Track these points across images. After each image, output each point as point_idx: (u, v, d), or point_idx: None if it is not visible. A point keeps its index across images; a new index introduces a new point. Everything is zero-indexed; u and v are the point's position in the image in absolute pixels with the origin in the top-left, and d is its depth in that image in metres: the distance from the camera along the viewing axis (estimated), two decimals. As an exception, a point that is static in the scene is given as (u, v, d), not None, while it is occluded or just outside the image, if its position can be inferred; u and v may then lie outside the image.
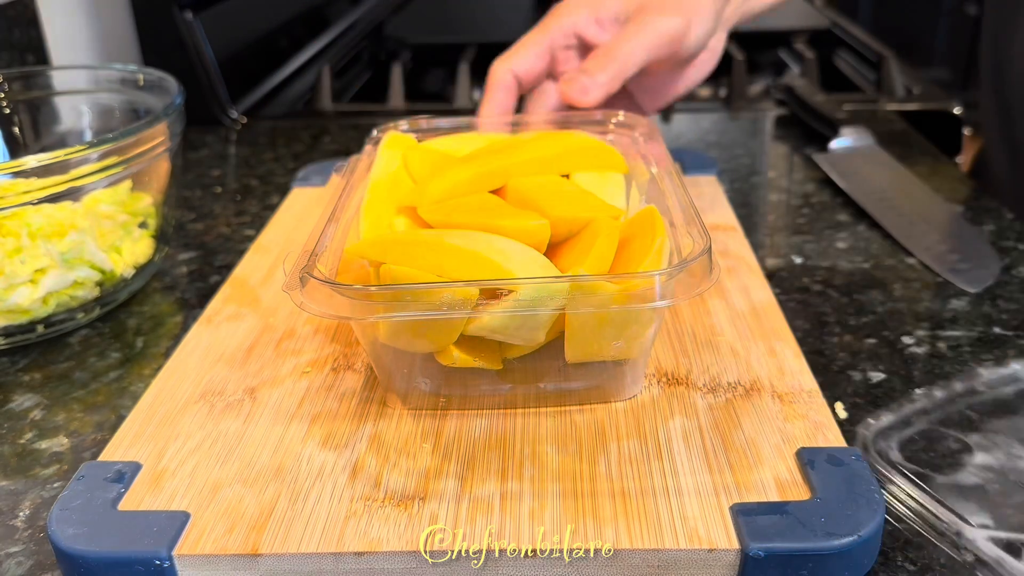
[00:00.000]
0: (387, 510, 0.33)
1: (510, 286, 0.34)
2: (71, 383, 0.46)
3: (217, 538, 0.32)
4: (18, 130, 0.60)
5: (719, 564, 0.31)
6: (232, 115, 0.87)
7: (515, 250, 0.37)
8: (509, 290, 0.34)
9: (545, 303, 0.34)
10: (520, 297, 0.34)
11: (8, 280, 0.46)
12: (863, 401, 0.41)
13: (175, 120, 0.52)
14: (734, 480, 0.34)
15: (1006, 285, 0.51)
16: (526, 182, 0.42)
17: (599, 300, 0.34)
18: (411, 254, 0.37)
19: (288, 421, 0.39)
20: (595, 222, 0.39)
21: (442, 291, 0.34)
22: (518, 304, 0.34)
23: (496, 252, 0.36)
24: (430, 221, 0.41)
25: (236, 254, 0.58)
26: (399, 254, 0.37)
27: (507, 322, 0.35)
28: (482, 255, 0.36)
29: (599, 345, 0.37)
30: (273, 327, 0.46)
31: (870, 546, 0.32)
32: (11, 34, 0.75)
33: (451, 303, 0.34)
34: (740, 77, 0.87)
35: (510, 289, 0.34)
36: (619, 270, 0.37)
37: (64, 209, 0.48)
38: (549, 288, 0.34)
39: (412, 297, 0.34)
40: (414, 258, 0.36)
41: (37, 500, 0.37)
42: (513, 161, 0.43)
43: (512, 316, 0.35)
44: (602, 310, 0.34)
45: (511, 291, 0.34)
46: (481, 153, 0.45)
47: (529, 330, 0.36)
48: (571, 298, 0.34)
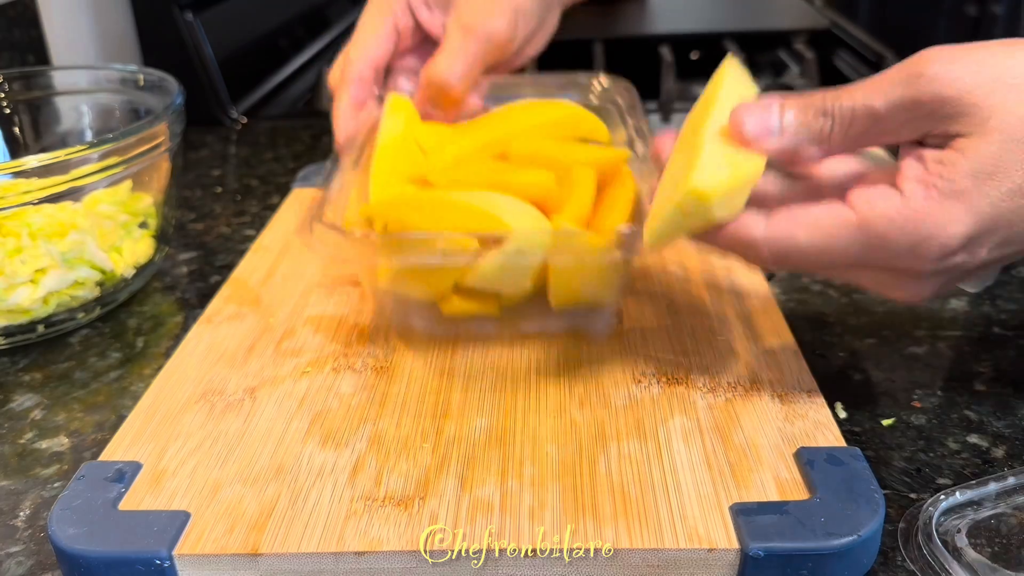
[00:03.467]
0: (387, 510, 0.33)
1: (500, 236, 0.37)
2: (71, 383, 0.46)
3: (217, 538, 0.32)
4: (19, 130, 0.60)
5: (719, 564, 0.31)
6: (232, 115, 0.87)
7: (510, 205, 0.40)
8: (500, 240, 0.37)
9: (532, 252, 0.38)
10: (508, 248, 0.37)
11: (9, 280, 0.46)
12: (863, 401, 0.41)
13: (175, 120, 0.52)
14: (734, 480, 0.34)
15: (1005, 285, 0.51)
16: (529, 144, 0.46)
17: (578, 250, 0.38)
18: (416, 211, 0.40)
19: (288, 421, 0.39)
20: (573, 171, 0.43)
21: (439, 240, 0.37)
22: (506, 254, 0.38)
23: (493, 206, 0.40)
24: (441, 185, 0.44)
25: (236, 254, 0.58)
26: (406, 211, 0.40)
27: (497, 271, 0.39)
28: (479, 208, 0.39)
29: (578, 291, 0.42)
30: (273, 327, 0.46)
31: (870, 546, 0.32)
32: (11, 34, 0.75)
33: (447, 251, 0.37)
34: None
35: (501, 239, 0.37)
36: (595, 220, 0.41)
37: (65, 209, 0.49)
38: (535, 238, 0.38)
39: (412, 245, 0.38)
40: (420, 213, 0.40)
41: (38, 500, 0.37)
42: (515, 128, 0.47)
43: (502, 265, 0.38)
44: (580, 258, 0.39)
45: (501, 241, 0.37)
46: (484, 122, 0.49)
47: (517, 278, 0.40)
48: (554, 248, 0.38)
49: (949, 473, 0.37)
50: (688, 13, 1.18)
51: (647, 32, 1.08)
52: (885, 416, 0.40)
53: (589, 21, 1.14)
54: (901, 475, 0.37)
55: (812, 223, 0.33)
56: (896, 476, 0.37)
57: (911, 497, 0.36)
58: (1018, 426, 0.39)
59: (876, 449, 0.38)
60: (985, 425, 0.39)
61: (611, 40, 1.01)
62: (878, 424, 0.40)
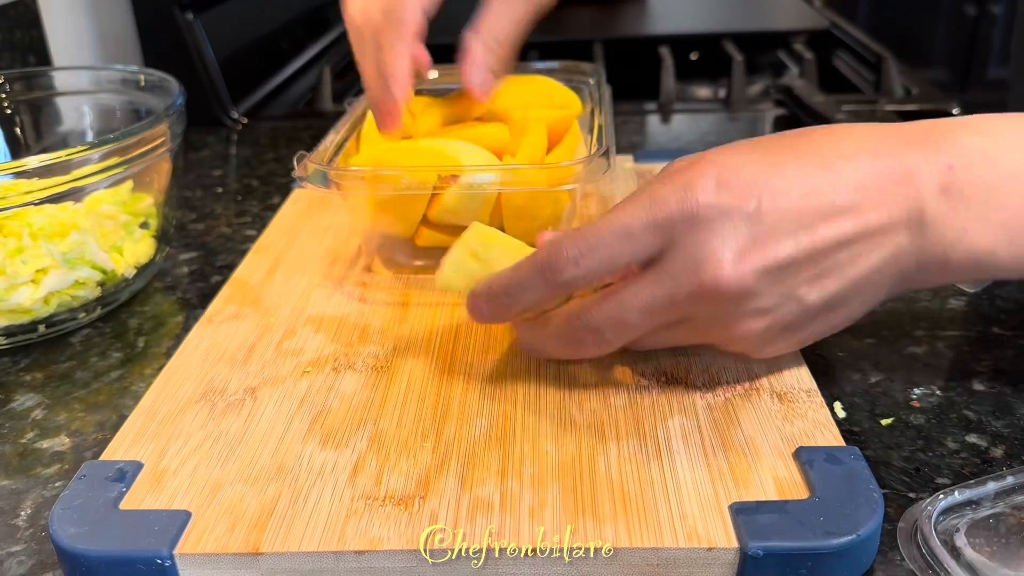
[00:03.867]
0: (387, 509, 0.33)
1: (457, 171, 0.46)
2: (72, 383, 0.46)
3: (218, 537, 0.32)
4: (20, 131, 0.61)
5: (718, 563, 0.31)
6: (233, 116, 0.87)
7: (470, 150, 0.50)
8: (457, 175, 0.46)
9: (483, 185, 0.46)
10: (463, 182, 0.46)
11: (10, 280, 0.46)
12: (862, 401, 0.41)
13: (176, 121, 0.52)
14: (733, 479, 0.34)
15: (1005, 285, 0.51)
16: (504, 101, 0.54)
17: (523, 182, 0.46)
18: (394, 155, 0.49)
19: (289, 420, 0.39)
20: (527, 120, 0.52)
21: (405, 173, 0.46)
22: (461, 187, 0.46)
23: (454, 151, 0.49)
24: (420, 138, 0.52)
25: (237, 254, 0.59)
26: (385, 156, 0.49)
27: (456, 203, 0.47)
28: (442, 152, 0.49)
29: (525, 224, 0.49)
30: (274, 327, 0.46)
31: (869, 545, 0.32)
32: (13, 35, 0.76)
33: (410, 184, 0.46)
34: (739, 78, 0.87)
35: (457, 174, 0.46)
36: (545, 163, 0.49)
37: (66, 209, 0.49)
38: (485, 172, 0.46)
39: (384, 179, 0.46)
40: (396, 156, 0.49)
41: (39, 499, 0.38)
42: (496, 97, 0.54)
43: (459, 197, 0.47)
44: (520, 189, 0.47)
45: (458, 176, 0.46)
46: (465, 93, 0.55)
47: (474, 211, 0.48)
48: (503, 182, 0.46)
49: (948, 473, 0.37)
50: (688, 14, 1.18)
51: (647, 32, 1.09)
52: (884, 416, 0.40)
53: (589, 21, 1.14)
54: (900, 474, 0.37)
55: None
56: (895, 475, 0.37)
57: (910, 496, 0.36)
58: (1017, 426, 0.39)
59: (875, 449, 0.38)
60: (984, 425, 0.40)
61: (611, 40, 1.01)
62: (877, 424, 0.40)
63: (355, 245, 0.55)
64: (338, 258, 0.54)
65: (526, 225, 0.49)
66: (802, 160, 0.36)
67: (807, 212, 0.35)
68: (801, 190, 0.35)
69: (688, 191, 0.35)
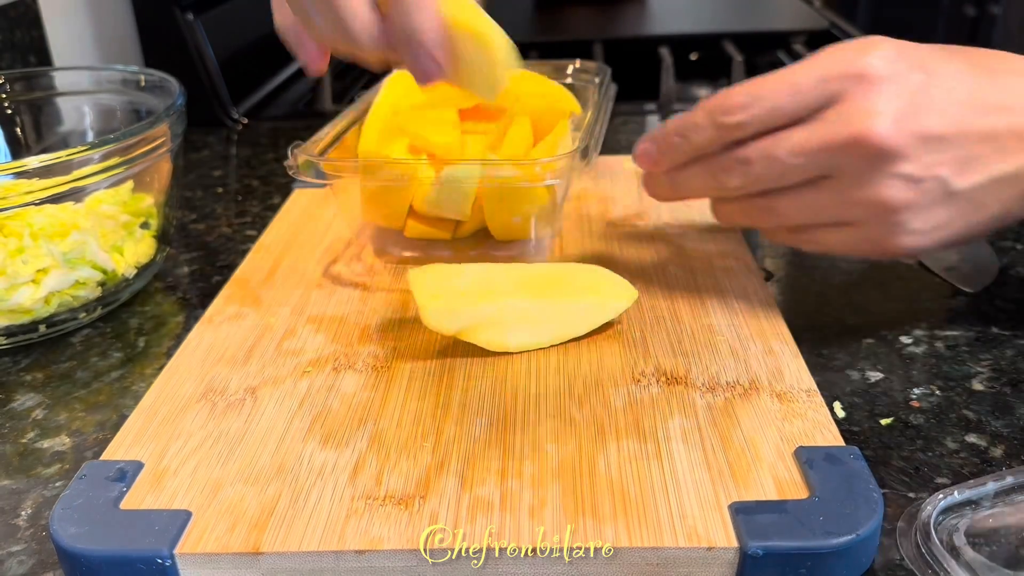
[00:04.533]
0: (387, 509, 0.33)
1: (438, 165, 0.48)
2: (73, 382, 0.46)
3: (219, 537, 0.32)
4: (20, 131, 0.61)
5: (718, 562, 0.31)
6: (233, 116, 0.87)
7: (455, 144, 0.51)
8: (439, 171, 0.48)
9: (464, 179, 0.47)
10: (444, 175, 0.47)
11: (10, 280, 0.47)
12: (861, 401, 0.41)
13: (176, 121, 0.52)
14: (733, 479, 0.34)
15: (1004, 285, 0.51)
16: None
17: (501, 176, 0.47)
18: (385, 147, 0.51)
19: (289, 420, 0.39)
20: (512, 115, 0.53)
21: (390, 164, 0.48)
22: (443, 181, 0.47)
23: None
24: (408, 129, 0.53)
25: (238, 254, 0.59)
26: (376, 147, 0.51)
27: (438, 196, 0.49)
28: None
29: (505, 218, 0.50)
30: (274, 327, 0.46)
31: (868, 545, 0.32)
32: (13, 35, 0.76)
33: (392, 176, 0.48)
34: (739, 78, 0.87)
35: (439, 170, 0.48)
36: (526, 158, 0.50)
37: (66, 209, 0.49)
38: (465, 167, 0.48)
39: (370, 168, 0.48)
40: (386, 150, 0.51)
41: (39, 499, 0.38)
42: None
43: (440, 190, 0.48)
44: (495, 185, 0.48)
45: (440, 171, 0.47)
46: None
47: (457, 203, 0.49)
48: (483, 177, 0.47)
49: (947, 472, 0.37)
50: (687, 14, 1.18)
51: (647, 33, 1.08)
52: (884, 415, 0.40)
53: (589, 21, 1.14)
54: (899, 474, 0.37)
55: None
56: (895, 475, 0.37)
57: (909, 496, 0.36)
58: (1016, 426, 0.39)
59: (875, 448, 0.38)
60: (983, 425, 0.40)
61: (611, 40, 1.01)
62: (876, 423, 0.40)
63: (355, 245, 0.55)
64: (338, 258, 0.54)
65: (506, 219, 0.50)
66: (972, 61, 0.39)
67: (967, 100, 0.38)
68: (967, 83, 0.38)
69: (863, 53, 0.38)
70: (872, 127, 0.37)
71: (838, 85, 0.38)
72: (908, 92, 0.37)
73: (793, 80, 0.38)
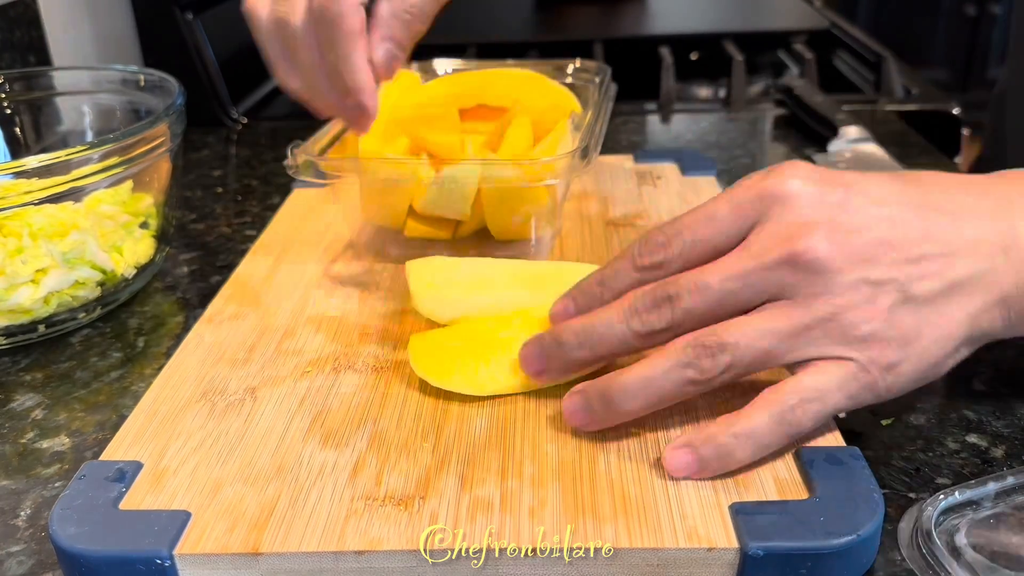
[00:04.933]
0: (387, 509, 0.33)
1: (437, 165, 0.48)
2: (72, 383, 0.46)
3: (218, 537, 0.32)
4: (19, 130, 0.61)
5: (718, 563, 0.31)
6: (233, 116, 0.87)
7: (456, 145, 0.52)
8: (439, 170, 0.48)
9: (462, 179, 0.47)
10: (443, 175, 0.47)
11: (10, 280, 0.46)
12: (862, 401, 0.41)
13: (176, 121, 0.52)
14: (733, 479, 0.34)
15: (1005, 285, 0.51)
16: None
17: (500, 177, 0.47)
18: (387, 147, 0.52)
19: (289, 420, 0.39)
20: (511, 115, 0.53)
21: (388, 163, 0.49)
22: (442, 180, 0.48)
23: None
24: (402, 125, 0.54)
25: (237, 254, 0.58)
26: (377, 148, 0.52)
27: (438, 195, 0.49)
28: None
29: (505, 218, 0.50)
30: (274, 327, 0.46)
31: (869, 545, 0.32)
32: (12, 34, 0.75)
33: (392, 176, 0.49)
34: (739, 78, 0.87)
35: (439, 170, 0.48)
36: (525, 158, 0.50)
37: (65, 209, 0.49)
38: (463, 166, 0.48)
39: (369, 167, 0.49)
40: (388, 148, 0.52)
41: (38, 499, 0.38)
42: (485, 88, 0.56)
43: (440, 190, 0.48)
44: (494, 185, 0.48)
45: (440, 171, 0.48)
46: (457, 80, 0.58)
47: (456, 202, 0.49)
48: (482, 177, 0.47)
49: (948, 473, 0.37)
50: (688, 14, 1.18)
51: (647, 32, 1.08)
52: (884, 416, 0.40)
53: (589, 21, 1.14)
54: (900, 475, 0.37)
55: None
56: (895, 476, 0.37)
57: (910, 497, 0.36)
58: (1017, 426, 0.39)
59: (875, 449, 0.38)
60: (984, 425, 0.40)
61: (611, 40, 1.01)
62: (877, 424, 0.40)
63: (355, 245, 0.55)
64: (338, 258, 0.54)
65: (506, 219, 0.50)
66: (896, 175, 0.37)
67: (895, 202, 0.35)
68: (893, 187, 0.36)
69: (778, 176, 0.36)
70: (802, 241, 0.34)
71: (759, 206, 0.35)
72: (830, 204, 0.35)
73: (709, 210, 0.36)
